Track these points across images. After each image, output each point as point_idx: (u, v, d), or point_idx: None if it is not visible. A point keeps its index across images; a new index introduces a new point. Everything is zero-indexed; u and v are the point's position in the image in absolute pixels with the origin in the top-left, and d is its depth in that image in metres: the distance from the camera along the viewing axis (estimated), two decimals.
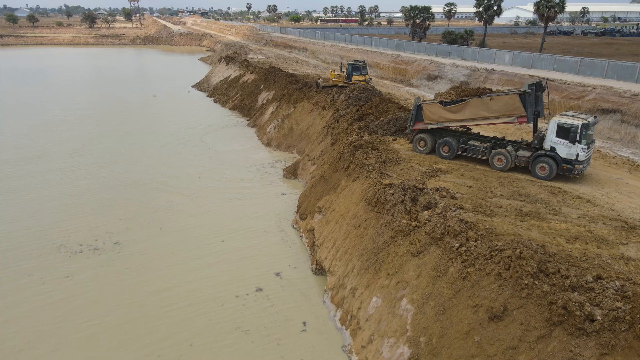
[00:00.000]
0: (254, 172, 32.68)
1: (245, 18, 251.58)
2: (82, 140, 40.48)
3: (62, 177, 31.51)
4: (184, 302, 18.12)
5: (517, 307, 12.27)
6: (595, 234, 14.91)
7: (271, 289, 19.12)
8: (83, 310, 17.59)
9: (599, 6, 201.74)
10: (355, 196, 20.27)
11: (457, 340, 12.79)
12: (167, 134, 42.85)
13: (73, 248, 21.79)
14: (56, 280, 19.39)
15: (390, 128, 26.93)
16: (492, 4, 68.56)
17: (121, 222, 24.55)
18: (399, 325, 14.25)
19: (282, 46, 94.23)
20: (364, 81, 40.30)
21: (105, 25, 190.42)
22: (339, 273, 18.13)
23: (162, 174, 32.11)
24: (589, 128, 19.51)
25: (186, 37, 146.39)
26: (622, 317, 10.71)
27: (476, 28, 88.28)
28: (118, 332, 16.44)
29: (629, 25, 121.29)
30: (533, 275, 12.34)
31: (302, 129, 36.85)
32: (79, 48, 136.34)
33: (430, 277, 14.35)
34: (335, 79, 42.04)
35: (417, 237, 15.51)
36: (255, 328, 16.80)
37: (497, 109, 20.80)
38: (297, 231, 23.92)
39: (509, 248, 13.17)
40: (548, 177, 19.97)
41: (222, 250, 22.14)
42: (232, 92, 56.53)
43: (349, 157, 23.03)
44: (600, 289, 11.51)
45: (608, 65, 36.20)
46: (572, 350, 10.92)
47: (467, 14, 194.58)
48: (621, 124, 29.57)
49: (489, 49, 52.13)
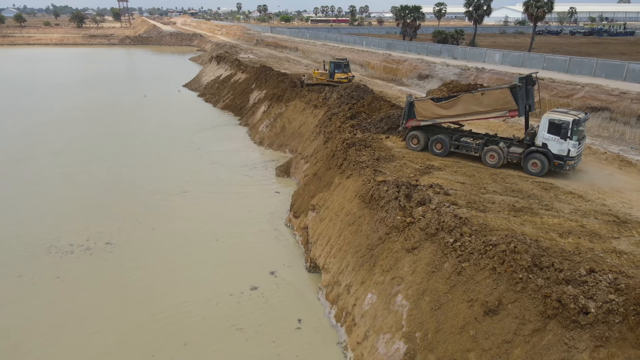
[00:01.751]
0: (247, 171, 32.52)
1: (236, 18, 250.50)
2: (71, 140, 39.98)
3: (51, 177, 31.09)
4: (178, 302, 17.95)
5: (511, 301, 12.34)
6: (588, 228, 15.06)
7: (266, 287, 19.03)
8: (74, 311, 17.33)
9: (586, 6, 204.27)
10: (349, 193, 20.26)
11: (453, 335, 12.83)
12: (158, 134, 42.49)
13: (64, 248, 21.48)
14: (47, 281, 19.09)
15: (383, 126, 26.97)
16: (481, 4, 69.09)
17: (113, 222, 24.25)
18: (394, 321, 14.26)
19: (273, 46, 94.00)
20: (346, 79, 40.34)
21: (93, 25, 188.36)
22: (334, 270, 18.10)
23: (154, 174, 31.82)
24: (580, 124, 19.71)
25: (176, 37, 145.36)
26: (616, 309, 10.82)
27: (466, 28, 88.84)
28: (110, 333, 16.23)
29: (616, 24, 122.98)
30: (527, 269, 12.42)
31: (294, 127, 36.77)
32: (68, 48, 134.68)
33: (425, 273, 14.38)
34: (319, 77, 42.10)
35: (412, 233, 15.54)
36: (251, 326, 16.70)
37: (488, 104, 20.94)
38: (290, 229, 23.85)
39: (503, 243, 13.24)
40: (540, 173, 20.15)
41: (216, 249, 21.99)
42: (223, 92, 56.24)
43: (342, 155, 23.02)
44: (594, 282, 11.62)
45: (596, 64, 36.63)
46: (567, 342, 11.01)
47: (457, 14, 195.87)
48: (610, 121, 29.92)
49: (479, 48, 52.50)
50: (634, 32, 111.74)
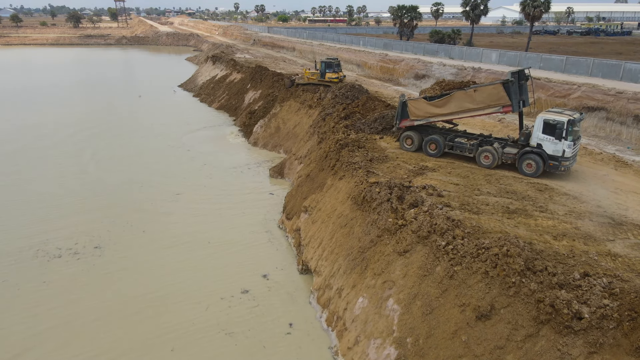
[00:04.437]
0: (240, 172, 32.19)
1: (233, 18, 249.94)
2: (62, 141, 39.57)
3: (41, 179, 30.70)
4: (167, 306, 17.65)
5: (504, 305, 12.06)
6: (582, 230, 14.79)
7: (258, 291, 18.73)
8: (60, 317, 16.98)
9: (583, 6, 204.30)
10: (342, 195, 19.96)
11: (444, 340, 12.55)
12: (151, 134, 42.11)
13: (51, 252, 21.10)
14: (32, 285, 18.71)
15: (377, 126, 26.66)
16: (478, 4, 68.76)
17: (103, 225, 23.88)
18: (385, 325, 13.97)
19: (269, 46, 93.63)
20: (337, 79, 39.97)
21: (90, 25, 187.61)
22: (325, 273, 17.80)
23: (146, 176, 31.44)
24: (575, 124, 19.45)
25: (173, 37, 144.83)
26: (610, 314, 10.55)
27: (463, 28, 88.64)
28: (97, 338, 15.91)
29: (613, 24, 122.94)
30: (520, 273, 12.14)
31: (289, 128, 36.46)
32: (63, 48, 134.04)
33: (417, 277, 14.10)
34: (310, 76, 41.72)
35: (404, 236, 15.25)
36: (241, 331, 16.42)
37: (481, 100, 20.65)
38: (283, 231, 23.54)
39: (495, 246, 12.97)
40: (535, 174, 19.87)
41: (208, 252, 21.68)
42: (218, 92, 55.90)
43: (335, 156, 22.71)
44: (588, 287, 11.35)
45: (593, 63, 36.40)
46: (560, 349, 10.74)
47: (454, 14, 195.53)
48: (606, 121, 29.68)
49: (476, 48, 52.24)
50: (631, 31, 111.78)
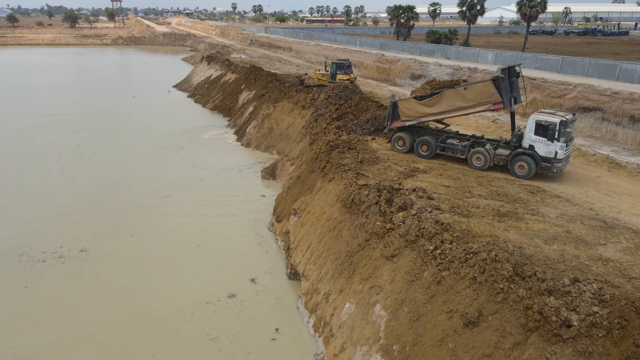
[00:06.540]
0: (232, 173, 31.80)
1: (231, 18, 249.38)
2: (51, 142, 38.95)
3: (26, 181, 30.24)
4: (152, 311, 17.26)
5: (492, 312, 11.73)
6: (574, 234, 14.47)
7: (245, 295, 18.35)
8: (40, 322, 16.57)
9: (581, 6, 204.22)
10: (331, 197, 19.61)
11: (431, 347, 12.20)
12: (143, 135, 41.65)
13: (36, 256, 20.62)
14: (13, 291, 18.23)
15: (369, 127, 26.34)
16: (475, 4, 68.58)
17: (89, 227, 23.41)
18: (372, 332, 13.62)
19: (266, 46, 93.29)
20: (348, 80, 39.66)
21: (87, 25, 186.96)
22: (313, 277, 17.45)
23: (136, 177, 31.01)
24: (568, 125, 19.15)
25: (169, 37, 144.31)
26: (599, 322, 10.23)
27: (461, 28, 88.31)
28: (78, 345, 15.50)
29: (610, 24, 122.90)
30: (508, 278, 11.80)
31: (282, 128, 36.09)
32: (59, 48, 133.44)
33: (404, 282, 13.75)
34: (320, 77, 41.40)
35: (392, 240, 14.91)
36: (225, 336, 16.03)
37: (472, 98, 20.34)
38: (273, 234, 23.18)
39: (484, 250, 12.63)
40: (527, 176, 19.56)
41: (197, 255, 21.28)
42: (213, 92, 55.51)
43: (325, 157, 22.36)
44: (577, 293, 11.02)
45: (589, 63, 36.17)
46: (548, 357, 10.41)
47: (452, 14, 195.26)
48: (602, 122, 29.44)
49: (472, 48, 51.99)
50: (628, 32, 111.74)
